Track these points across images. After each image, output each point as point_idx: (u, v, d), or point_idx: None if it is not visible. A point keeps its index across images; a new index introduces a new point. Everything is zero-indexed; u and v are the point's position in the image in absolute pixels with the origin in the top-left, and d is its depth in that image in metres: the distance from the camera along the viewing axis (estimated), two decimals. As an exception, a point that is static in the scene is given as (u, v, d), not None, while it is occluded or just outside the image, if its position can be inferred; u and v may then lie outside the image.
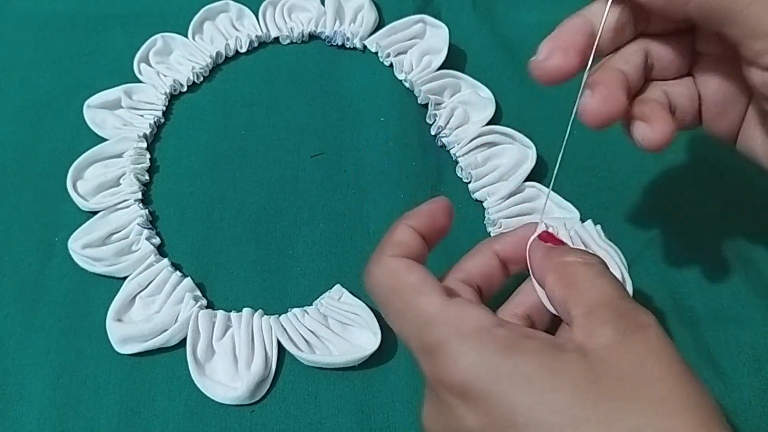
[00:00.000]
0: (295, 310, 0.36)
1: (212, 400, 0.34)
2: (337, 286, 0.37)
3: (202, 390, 0.34)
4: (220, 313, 0.36)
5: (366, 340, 0.35)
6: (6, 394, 0.35)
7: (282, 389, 0.35)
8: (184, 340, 0.35)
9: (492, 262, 0.29)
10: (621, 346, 0.22)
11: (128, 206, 0.40)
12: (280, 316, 0.36)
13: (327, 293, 0.37)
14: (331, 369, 0.35)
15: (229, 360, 0.35)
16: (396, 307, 0.26)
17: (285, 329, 0.35)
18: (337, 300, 0.36)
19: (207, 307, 0.37)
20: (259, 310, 0.36)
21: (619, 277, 0.35)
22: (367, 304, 0.35)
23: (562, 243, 0.28)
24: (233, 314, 0.36)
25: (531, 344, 0.23)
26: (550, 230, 0.29)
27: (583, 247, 0.35)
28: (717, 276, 0.37)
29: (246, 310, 0.36)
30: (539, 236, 0.28)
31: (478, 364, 0.22)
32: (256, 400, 0.34)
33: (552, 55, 0.27)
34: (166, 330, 0.35)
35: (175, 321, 0.36)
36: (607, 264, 0.26)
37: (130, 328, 0.35)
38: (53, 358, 0.36)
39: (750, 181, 0.40)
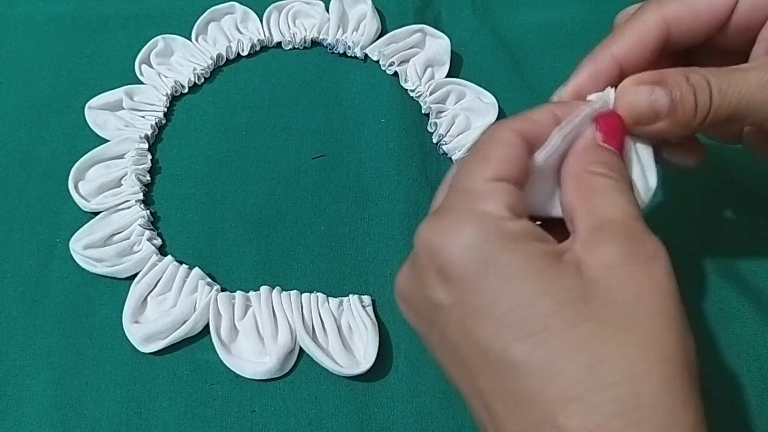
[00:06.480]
0: (320, 294, 0.37)
1: (213, 401, 0.34)
2: (368, 297, 0.37)
3: (232, 369, 0.35)
4: (239, 294, 0.36)
5: (360, 357, 0.35)
6: (7, 394, 0.35)
7: (282, 389, 0.35)
8: (205, 328, 0.36)
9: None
10: (621, 270, 0.21)
11: (130, 207, 0.40)
12: (302, 293, 0.37)
13: (356, 296, 0.37)
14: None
15: (254, 337, 0.35)
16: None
17: (302, 306, 0.36)
18: (362, 306, 0.36)
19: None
20: (277, 287, 0.37)
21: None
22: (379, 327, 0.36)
23: (621, 139, 0.25)
24: (252, 294, 0.37)
25: (532, 247, 0.22)
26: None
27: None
28: (718, 273, 0.37)
29: (264, 288, 0.36)
30: (601, 117, 0.25)
31: (474, 248, 0.22)
32: (285, 372, 0.35)
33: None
34: (186, 320, 0.36)
35: (194, 309, 0.36)
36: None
37: (150, 326, 0.35)
38: (54, 359, 0.36)
39: (753, 177, 0.40)
